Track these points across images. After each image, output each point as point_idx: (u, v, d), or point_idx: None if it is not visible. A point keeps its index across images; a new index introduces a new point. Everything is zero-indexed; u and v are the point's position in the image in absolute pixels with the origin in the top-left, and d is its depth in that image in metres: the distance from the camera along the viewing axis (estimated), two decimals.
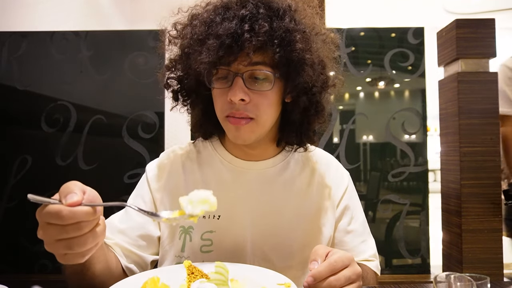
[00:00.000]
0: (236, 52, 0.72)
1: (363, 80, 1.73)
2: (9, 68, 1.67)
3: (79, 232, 0.54)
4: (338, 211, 0.91)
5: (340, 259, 0.64)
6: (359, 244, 0.90)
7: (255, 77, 0.76)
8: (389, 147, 1.69)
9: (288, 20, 0.74)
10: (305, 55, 0.74)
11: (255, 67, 0.75)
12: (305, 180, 0.91)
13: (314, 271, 0.63)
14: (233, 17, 0.73)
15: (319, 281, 0.62)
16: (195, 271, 0.62)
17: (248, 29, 0.71)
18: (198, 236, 0.84)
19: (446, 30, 1.48)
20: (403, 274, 1.66)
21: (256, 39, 0.71)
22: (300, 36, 0.74)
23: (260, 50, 0.73)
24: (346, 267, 0.64)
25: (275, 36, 0.72)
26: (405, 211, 1.67)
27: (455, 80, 1.41)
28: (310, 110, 0.82)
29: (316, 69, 0.78)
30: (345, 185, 0.94)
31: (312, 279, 0.62)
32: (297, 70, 0.75)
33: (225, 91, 0.77)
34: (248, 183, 0.87)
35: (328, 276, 0.62)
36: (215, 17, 0.75)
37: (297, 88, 0.77)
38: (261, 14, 0.73)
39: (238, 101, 0.75)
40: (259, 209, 0.86)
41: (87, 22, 2.72)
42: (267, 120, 0.80)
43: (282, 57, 0.73)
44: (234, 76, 0.75)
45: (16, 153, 1.65)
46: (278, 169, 0.90)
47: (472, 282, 0.56)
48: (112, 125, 1.66)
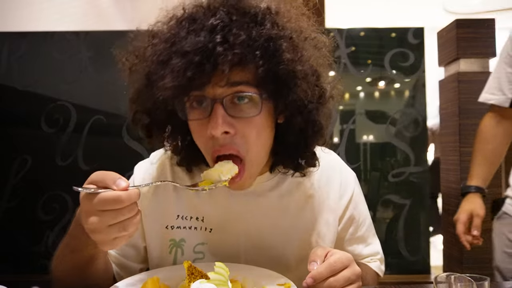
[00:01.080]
0: (209, 71, 0.59)
1: (363, 80, 1.73)
2: (9, 68, 1.67)
3: (133, 213, 0.57)
4: (342, 223, 0.85)
5: (340, 260, 0.63)
6: (363, 248, 0.87)
7: (239, 100, 0.63)
8: (389, 147, 1.69)
9: (270, 25, 0.62)
10: (296, 66, 0.62)
11: (236, 89, 0.62)
12: (304, 192, 0.83)
13: (314, 272, 0.62)
14: (201, 28, 0.60)
15: (318, 282, 0.62)
16: (195, 272, 0.62)
17: (220, 41, 0.58)
18: (190, 249, 0.80)
19: (446, 30, 1.48)
20: (403, 274, 1.66)
21: (231, 52, 0.58)
22: (287, 44, 0.62)
23: (239, 66, 0.60)
24: (346, 267, 0.64)
25: (255, 47, 0.60)
26: (405, 211, 1.67)
27: (455, 80, 1.42)
28: (307, 131, 0.70)
29: (310, 81, 0.66)
30: (349, 194, 0.85)
31: (311, 280, 0.62)
32: (288, 86, 0.63)
33: (204, 122, 0.64)
34: (242, 197, 0.80)
35: (327, 277, 0.62)
36: (179, 31, 0.62)
37: (290, 107, 0.65)
38: (235, 22, 0.60)
39: (221, 135, 0.63)
40: (253, 222, 0.80)
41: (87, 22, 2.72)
42: (259, 153, 0.70)
43: (267, 71, 0.61)
44: (212, 103, 0.62)
45: (16, 153, 1.65)
46: (274, 182, 0.82)
47: (473, 283, 0.56)
48: (112, 125, 1.66)
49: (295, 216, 0.82)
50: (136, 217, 0.58)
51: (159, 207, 0.81)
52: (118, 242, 0.58)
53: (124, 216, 0.56)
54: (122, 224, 0.56)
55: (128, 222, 0.57)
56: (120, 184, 0.55)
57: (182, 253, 0.80)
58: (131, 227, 0.57)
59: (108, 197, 0.54)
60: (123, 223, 0.56)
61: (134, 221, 0.57)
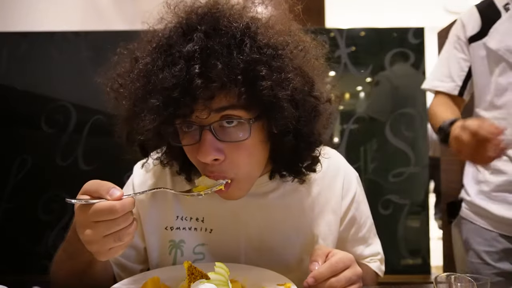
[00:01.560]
0: (190, 103, 0.58)
1: (363, 80, 1.73)
2: (9, 68, 1.67)
3: (128, 222, 0.56)
4: (344, 224, 0.84)
5: (341, 260, 0.63)
6: (365, 249, 0.87)
7: (228, 124, 0.62)
8: (389, 147, 1.69)
9: (249, 48, 0.58)
10: (279, 91, 0.59)
11: (223, 113, 0.61)
12: (306, 193, 0.82)
13: (315, 272, 0.62)
14: (178, 57, 0.58)
15: (319, 282, 0.62)
16: (195, 272, 0.62)
17: (198, 72, 0.56)
18: (190, 250, 0.79)
19: (446, 30, 1.48)
20: (404, 274, 1.66)
21: (211, 84, 0.56)
22: (267, 71, 0.58)
23: (223, 91, 0.58)
24: (347, 268, 0.64)
25: (235, 73, 0.57)
26: (405, 211, 1.67)
27: None
28: (300, 145, 0.68)
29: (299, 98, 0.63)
30: (352, 194, 0.84)
31: (313, 279, 0.62)
32: (274, 109, 0.60)
33: (195, 148, 0.63)
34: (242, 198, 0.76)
35: (329, 277, 0.62)
36: (156, 60, 0.60)
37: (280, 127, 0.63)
38: (212, 48, 0.57)
39: (211, 162, 0.63)
40: (253, 223, 0.79)
41: (87, 22, 2.72)
42: (251, 173, 0.68)
43: (250, 97, 0.59)
44: (200, 130, 0.61)
45: (16, 153, 1.65)
46: (275, 183, 0.80)
47: (473, 283, 0.56)
48: (112, 125, 1.65)
49: (296, 217, 0.81)
50: (131, 227, 0.57)
51: (158, 208, 0.81)
52: (114, 252, 0.58)
53: (119, 226, 0.55)
54: (117, 234, 0.56)
55: (123, 232, 0.56)
56: (114, 193, 0.55)
57: (182, 254, 0.79)
58: (126, 237, 0.57)
59: (102, 207, 0.54)
60: (118, 233, 0.56)
61: (129, 230, 0.57)
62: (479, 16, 1.11)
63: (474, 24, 1.12)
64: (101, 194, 0.55)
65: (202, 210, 0.80)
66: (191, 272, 0.62)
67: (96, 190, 0.56)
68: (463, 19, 1.15)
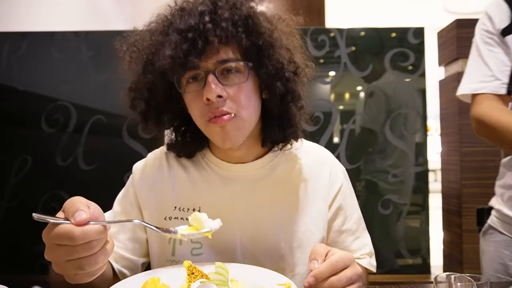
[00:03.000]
0: (201, 46, 0.69)
1: (363, 80, 1.73)
2: (9, 68, 1.67)
3: (90, 252, 0.53)
4: (331, 212, 0.88)
5: (341, 259, 0.63)
6: (352, 242, 0.88)
7: (228, 72, 0.73)
8: (389, 147, 1.69)
9: (247, 7, 0.73)
10: (272, 35, 0.74)
11: (225, 64, 0.72)
12: (295, 180, 0.87)
13: (316, 271, 0.62)
14: (191, 14, 0.71)
15: (320, 281, 0.62)
16: (195, 271, 0.62)
17: (208, 20, 0.69)
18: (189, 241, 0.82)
19: (446, 30, 1.48)
20: (403, 274, 1.66)
21: (219, 28, 0.69)
22: (263, 18, 0.74)
23: (226, 43, 0.71)
24: (347, 267, 0.64)
25: (238, 25, 0.71)
26: (405, 211, 1.67)
27: (456, 79, 1.42)
28: (287, 97, 0.78)
29: (285, 52, 0.76)
30: (339, 184, 0.89)
31: (313, 279, 0.62)
32: (268, 54, 0.73)
33: (199, 92, 0.73)
34: (236, 185, 0.84)
35: (329, 276, 0.62)
36: (173, 17, 0.73)
37: (271, 74, 0.74)
38: (219, 7, 0.72)
39: (215, 98, 0.71)
40: (247, 212, 0.83)
41: (87, 22, 2.72)
42: (250, 115, 0.77)
43: (249, 44, 0.72)
44: (205, 74, 0.72)
45: (16, 153, 1.65)
46: (266, 170, 0.86)
47: (473, 283, 0.56)
48: (112, 125, 1.66)
49: (287, 204, 0.85)
50: (94, 256, 0.53)
51: (157, 199, 0.85)
52: (80, 279, 0.55)
53: (79, 254, 0.52)
54: (77, 262, 0.52)
55: (85, 261, 0.52)
56: (77, 217, 0.52)
57: (180, 243, 0.83)
58: (88, 267, 0.53)
59: (61, 231, 0.51)
60: (78, 261, 0.52)
61: (92, 260, 0.53)
62: (507, 7, 1.02)
63: (503, 16, 1.02)
64: (67, 215, 0.53)
65: (198, 200, 0.83)
66: (191, 272, 0.62)
67: (68, 209, 0.54)
68: (489, 12, 1.05)
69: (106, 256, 0.56)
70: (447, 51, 1.47)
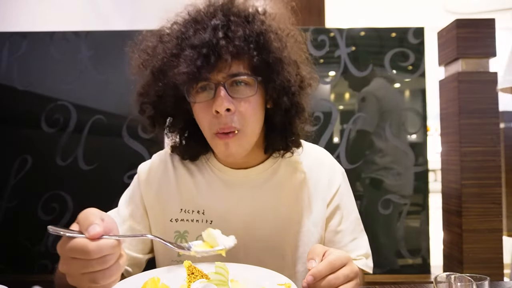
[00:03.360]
0: (214, 61, 0.71)
1: (363, 80, 1.73)
2: (9, 68, 1.67)
3: (105, 266, 0.54)
4: (328, 211, 0.90)
5: (339, 258, 0.65)
6: (349, 243, 0.90)
7: (237, 85, 0.75)
8: (389, 147, 1.69)
9: (260, 23, 0.75)
10: (282, 53, 0.76)
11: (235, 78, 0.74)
12: (296, 182, 0.90)
13: (314, 270, 0.63)
14: (205, 28, 0.73)
15: (318, 280, 0.63)
16: (195, 271, 0.62)
17: (222, 36, 0.71)
18: (193, 240, 0.85)
19: (446, 30, 1.48)
20: (403, 274, 1.66)
21: (232, 45, 0.71)
22: (274, 36, 0.75)
23: (238, 58, 0.73)
24: (344, 265, 0.65)
25: (250, 41, 0.73)
26: (405, 211, 1.67)
27: (456, 80, 1.41)
28: (291, 111, 0.80)
29: (292, 69, 0.78)
30: (337, 185, 0.92)
31: (312, 278, 0.63)
32: (277, 71, 0.75)
33: (209, 104, 0.75)
34: (238, 190, 0.87)
35: (327, 274, 0.63)
36: (187, 30, 0.74)
37: (278, 89, 0.77)
38: (233, 22, 0.73)
39: (224, 111, 0.73)
40: (250, 215, 0.86)
41: (87, 22, 2.72)
42: (254, 130, 0.79)
43: (260, 60, 0.74)
44: (216, 86, 0.74)
45: (16, 153, 1.65)
46: (268, 174, 0.89)
47: (473, 282, 0.56)
48: (112, 125, 1.66)
49: (288, 206, 0.88)
50: (109, 270, 0.54)
51: (163, 202, 0.88)
52: None
53: (93, 268, 0.53)
54: (92, 276, 0.53)
55: (99, 275, 0.53)
56: (90, 231, 0.53)
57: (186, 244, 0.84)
58: (102, 280, 0.54)
59: (75, 246, 0.52)
60: (92, 274, 0.53)
61: (106, 274, 0.54)
62: None
63: None
64: (82, 228, 0.54)
65: (203, 203, 0.87)
66: (191, 272, 0.62)
67: (83, 222, 0.55)
68: None
69: (120, 270, 0.57)
70: (447, 51, 1.47)
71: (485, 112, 1.34)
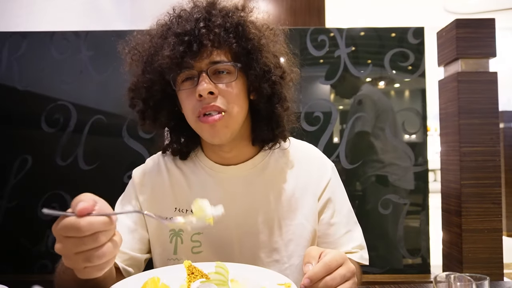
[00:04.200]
0: (196, 48, 0.76)
1: (363, 80, 1.73)
2: (9, 68, 1.67)
3: (97, 243, 0.54)
4: (320, 204, 0.92)
5: (334, 258, 0.65)
6: (343, 235, 0.92)
7: (219, 72, 0.80)
8: (389, 147, 1.69)
9: (238, 15, 0.81)
10: (260, 41, 0.81)
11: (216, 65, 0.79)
12: (286, 177, 0.92)
13: (310, 272, 0.63)
14: (187, 20, 0.79)
15: (315, 282, 0.63)
16: (195, 271, 0.62)
17: (203, 25, 0.77)
18: (188, 238, 0.88)
19: (446, 30, 1.49)
20: (403, 274, 1.66)
21: (212, 33, 0.77)
22: (252, 25, 0.81)
23: (218, 48, 0.79)
24: (340, 265, 0.65)
25: (229, 31, 0.79)
26: (405, 211, 1.67)
27: (455, 80, 1.41)
28: (273, 99, 0.84)
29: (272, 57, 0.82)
30: (327, 178, 0.94)
31: (308, 280, 0.63)
32: (256, 58, 0.80)
33: (193, 90, 0.79)
34: (229, 186, 0.90)
35: (323, 276, 0.63)
36: (171, 23, 0.81)
37: (259, 76, 0.81)
38: (213, 15, 0.79)
39: (207, 94, 0.77)
40: (242, 211, 0.88)
41: (87, 22, 2.72)
42: (238, 112, 0.82)
43: (239, 48, 0.79)
44: (199, 74, 0.78)
45: (16, 153, 1.65)
46: (258, 169, 0.92)
47: (472, 282, 0.56)
48: (112, 125, 1.66)
49: (279, 200, 0.90)
50: (101, 248, 0.54)
51: (157, 202, 0.91)
52: (89, 273, 0.55)
53: (86, 246, 0.53)
54: (86, 255, 0.53)
55: (92, 253, 0.53)
56: (79, 207, 0.53)
57: (182, 242, 0.88)
58: (97, 259, 0.54)
59: (67, 223, 0.53)
60: (86, 253, 0.53)
61: (98, 252, 0.54)
62: None
63: None
64: (72, 208, 0.55)
65: None
66: (191, 272, 0.62)
67: (73, 204, 0.55)
68: None
69: (114, 250, 0.56)
70: (446, 51, 1.47)
71: (484, 112, 1.34)
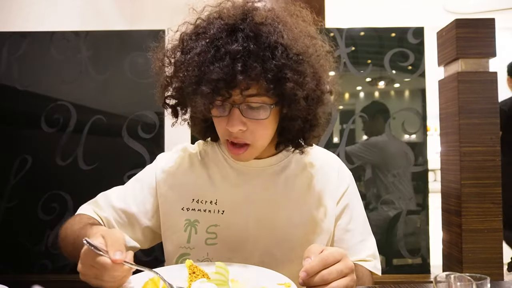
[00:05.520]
0: (230, 91, 0.74)
1: (363, 80, 1.73)
2: (9, 68, 1.67)
3: (113, 280, 0.64)
4: (338, 209, 0.93)
5: (331, 254, 0.65)
6: (358, 243, 0.92)
7: (251, 107, 0.77)
8: (389, 147, 1.69)
9: (280, 54, 0.73)
10: (297, 92, 0.75)
11: (250, 99, 0.76)
12: (306, 178, 0.93)
13: (307, 266, 0.64)
14: (224, 54, 0.72)
15: (311, 276, 0.63)
16: (197, 271, 0.62)
17: (240, 69, 0.71)
18: (203, 229, 0.89)
19: (446, 30, 1.48)
20: (403, 274, 1.66)
21: (249, 80, 0.72)
22: (291, 74, 0.73)
23: (254, 80, 0.74)
24: (338, 261, 0.65)
25: (267, 77, 0.73)
26: (405, 211, 1.67)
27: (455, 80, 1.41)
28: (306, 126, 0.84)
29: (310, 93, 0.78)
30: (346, 185, 0.95)
31: (305, 274, 0.63)
32: (291, 102, 0.76)
33: (223, 119, 0.79)
34: (251, 180, 0.91)
35: (320, 270, 0.64)
36: (206, 53, 0.73)
37: (293, 111, 0.79)
38: (252, 52, 0.72)
39: (236, 131, 0.78)
40: (261, 206, 0.89)
41: (87, 22, 2.72)
42: (264, 143, 0.84)
43: (276, 92, 0.75)
44: (230, 107, 0.77)
45: (16, 153, 1.65)
46: (280, 167, 0.93)
47: (472, 282, 0.56)
48: (112, 125, 1.66)
49: (298, 199, 0.90)
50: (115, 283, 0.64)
51: (177, 191, 0.92)
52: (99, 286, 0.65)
53: (104, 279, 0.63)
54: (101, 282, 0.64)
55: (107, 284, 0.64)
56: (115, 257, 0.62)
57: (196, 232, 0.89)
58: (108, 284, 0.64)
59: (99, 261, 0.62)
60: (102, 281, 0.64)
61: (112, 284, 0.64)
62: None
63: None
64: (109, 249, 0.63)
65: (216, 193, 0.90)
66: (192, 271, 0.62)
67: (111, 244, 0.63)
68: None
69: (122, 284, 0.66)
70: (446, 51, 1.47)
71: (484, 112, 1.34)
